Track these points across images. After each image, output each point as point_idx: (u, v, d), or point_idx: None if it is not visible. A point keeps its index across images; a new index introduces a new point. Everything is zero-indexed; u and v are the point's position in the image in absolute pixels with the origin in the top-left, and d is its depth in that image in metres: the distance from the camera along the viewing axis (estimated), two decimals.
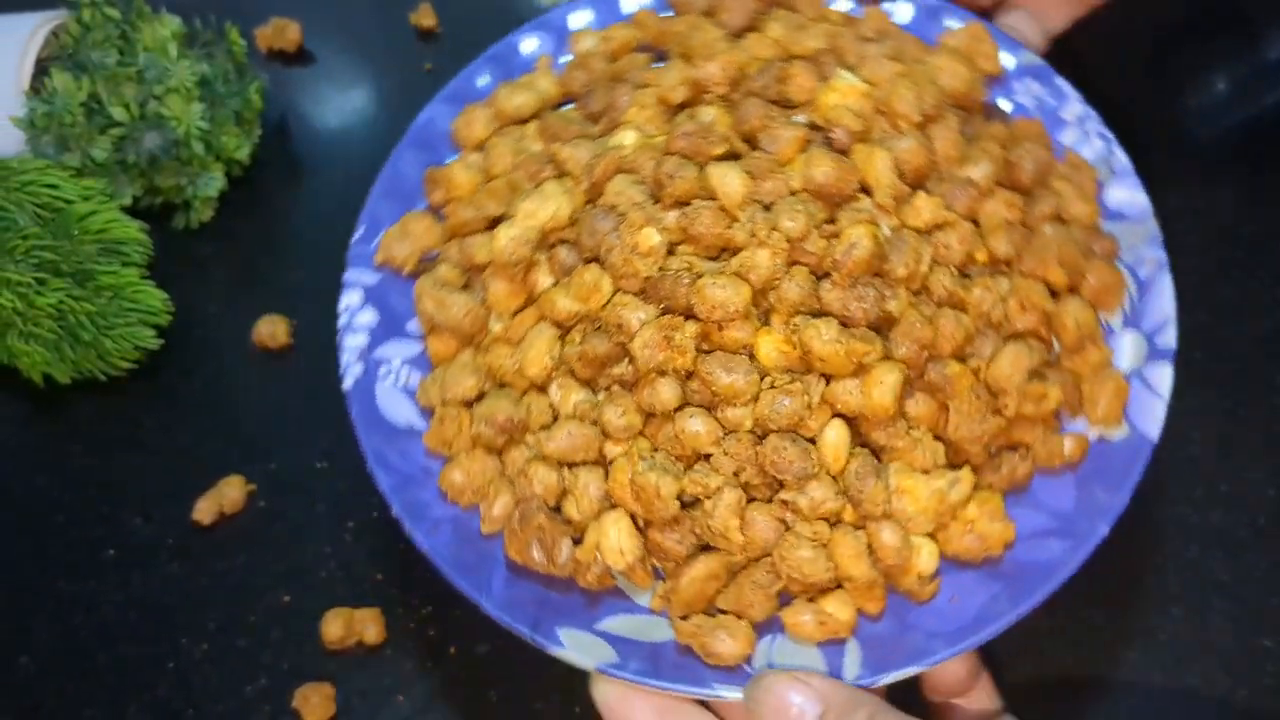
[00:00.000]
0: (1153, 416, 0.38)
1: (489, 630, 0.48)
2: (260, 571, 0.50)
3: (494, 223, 0.42)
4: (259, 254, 0.60)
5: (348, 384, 0.42)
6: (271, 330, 0.56)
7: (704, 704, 0.37)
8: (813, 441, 0.36)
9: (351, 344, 0.42)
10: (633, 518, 0.37)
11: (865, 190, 0.38)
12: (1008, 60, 0.45)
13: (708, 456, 0.37)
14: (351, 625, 0.48)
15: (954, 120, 0.41)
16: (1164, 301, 0.40)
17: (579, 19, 0.49)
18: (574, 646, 0.36)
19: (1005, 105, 0.45)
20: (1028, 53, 0.45)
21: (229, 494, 0.51)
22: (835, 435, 0.36)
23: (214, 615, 0.49)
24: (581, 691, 0.46)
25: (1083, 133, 0.43)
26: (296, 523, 0.51)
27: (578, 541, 0.37)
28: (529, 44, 0.49)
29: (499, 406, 0.39)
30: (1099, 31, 0.61)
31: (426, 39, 0.67)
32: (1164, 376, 0.39)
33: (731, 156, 0.39)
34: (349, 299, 0.44)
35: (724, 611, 0.37)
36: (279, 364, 0.56)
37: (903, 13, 0.46)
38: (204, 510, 0.51)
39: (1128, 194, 0.42)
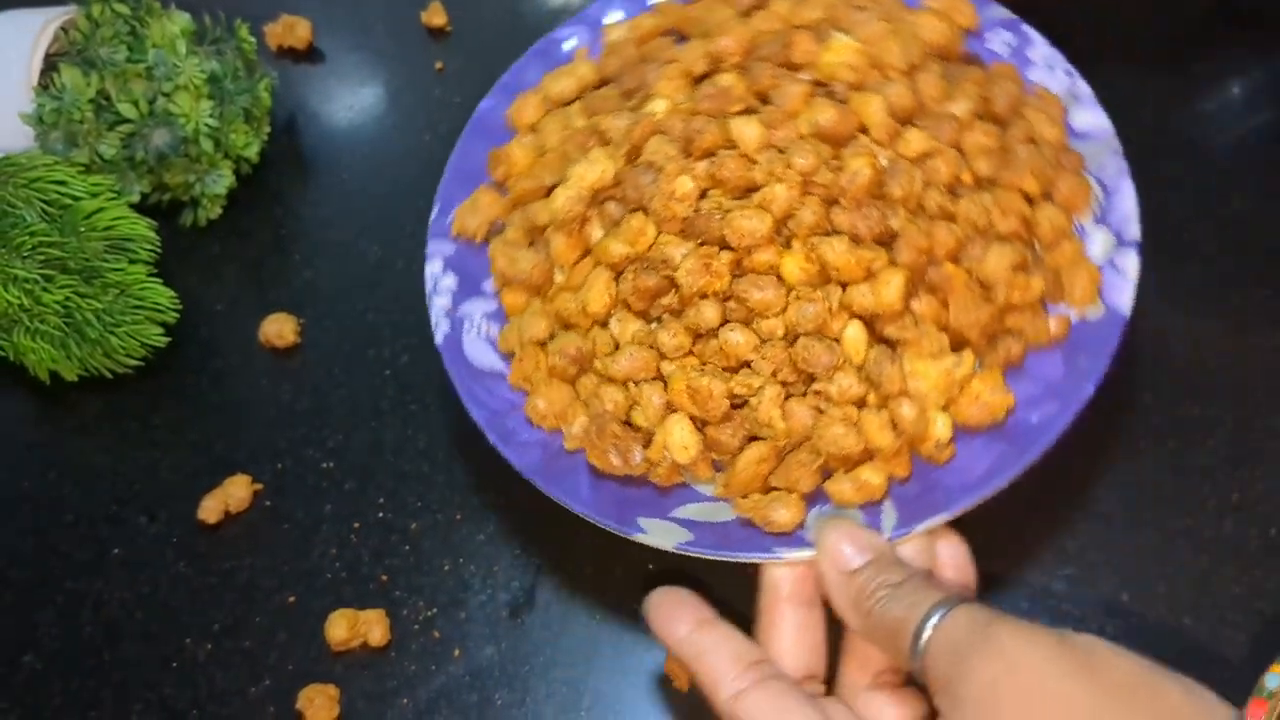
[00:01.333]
0: (1124, 295, 0.44)
1: (494, 633, 0.48)
2: (265, 571, 0.50)
3: (550, 190, 0.48)
4: (267, 252, 0.59)
5: (439, 339, 0.48)
6: (279, 329, 0.55)
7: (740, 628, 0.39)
8: (836, 341, 0.42)
9: (439, 305, 0.49)
10: (692, 420, 0.43)
11: (863, 130, 0.45)
12: (982, 14, 0.52)
13: (749, 364, 0.43)
14: (356, 626, 0.47)
15: (936, 67, 0.48)
16: (1127, 202, 0.45)
17: (611, 15, 0.56)
18: (653, 531, 0.42)
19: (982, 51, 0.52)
20: (999, 8, 0.52)
21: (235, 493, 0.51)
22: (854, 332, 0.42)
23: (219, 615, 0.49)
24: (586, 691, 0.46)
25: (1049, 69, 0.50)
26: (302, 523, 0.51)
27: (647, 446, 0.43)
28: (569, 40, 0.56)
29: (569, 340, 0.45)
30: (1115, 34, 0.60)
31: (437, 37, 0.66)
32: (1131, 262, 0.44)
33: (749, 112, 0.46)
34: (432, 267, 0.50)
35: (777, 489, 0.42)
36: (286, 363, 0.56)
37: None
38: (210, 509, 0.51)
39: (1091, 117, 0.48)
